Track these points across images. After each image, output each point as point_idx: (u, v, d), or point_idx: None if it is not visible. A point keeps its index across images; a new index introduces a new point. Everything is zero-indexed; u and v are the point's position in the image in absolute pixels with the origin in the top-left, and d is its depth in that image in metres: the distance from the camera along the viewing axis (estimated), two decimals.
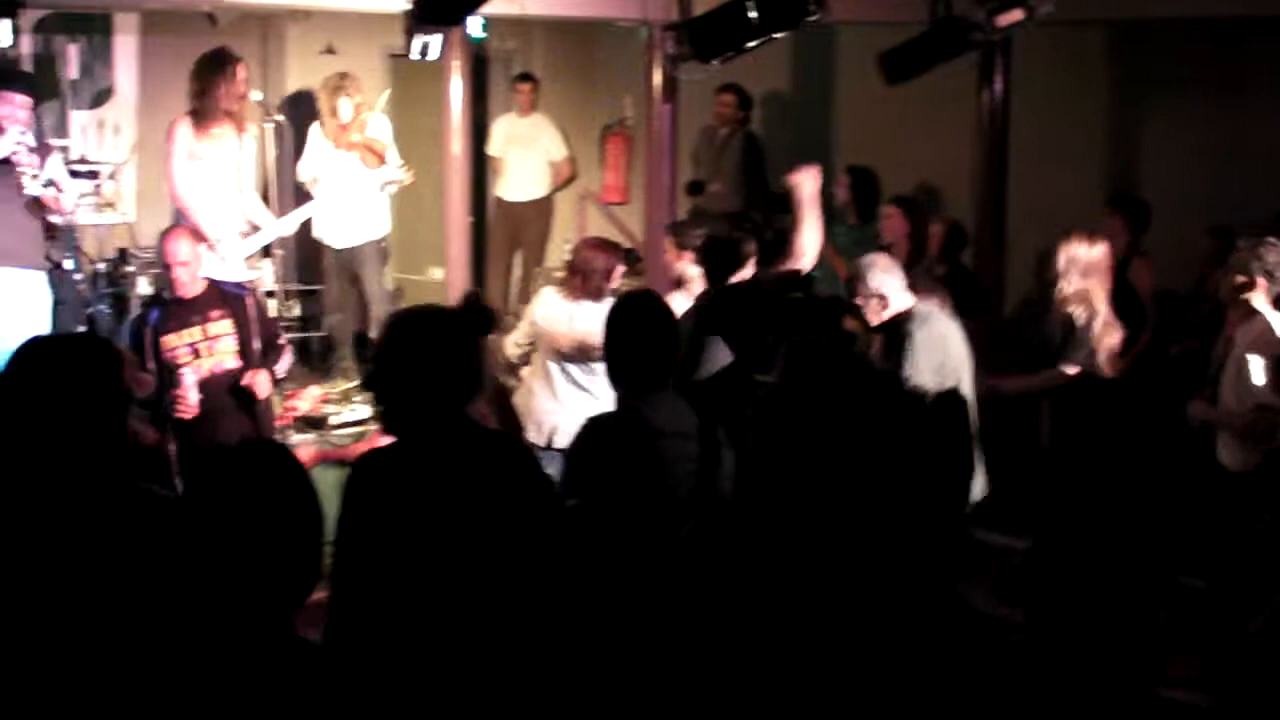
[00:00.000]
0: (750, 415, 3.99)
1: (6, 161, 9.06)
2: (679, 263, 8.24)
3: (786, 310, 7.25)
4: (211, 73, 9.81)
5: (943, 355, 7.38)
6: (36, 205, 9.25)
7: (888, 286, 7.51)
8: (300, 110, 12.49)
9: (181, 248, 8.10)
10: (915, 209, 10.35)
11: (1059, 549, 3.40)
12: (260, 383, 8.15)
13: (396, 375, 4.55)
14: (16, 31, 8.01)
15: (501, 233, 13.84)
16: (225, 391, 8.10)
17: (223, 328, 8.15)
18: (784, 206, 12.39)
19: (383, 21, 10.04)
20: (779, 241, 12.08)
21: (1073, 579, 3.32)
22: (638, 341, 5.52)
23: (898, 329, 7.44)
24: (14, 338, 8.85)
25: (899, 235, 10.05)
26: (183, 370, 7.89)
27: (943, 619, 3.30)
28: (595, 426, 5.50)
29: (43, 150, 9.40)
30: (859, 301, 7.53)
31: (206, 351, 8.09)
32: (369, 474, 4.51)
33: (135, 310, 10.89)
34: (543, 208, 13.87)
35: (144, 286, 11.32)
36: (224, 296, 8.28)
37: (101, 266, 11.47)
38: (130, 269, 11.39)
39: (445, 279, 11.53)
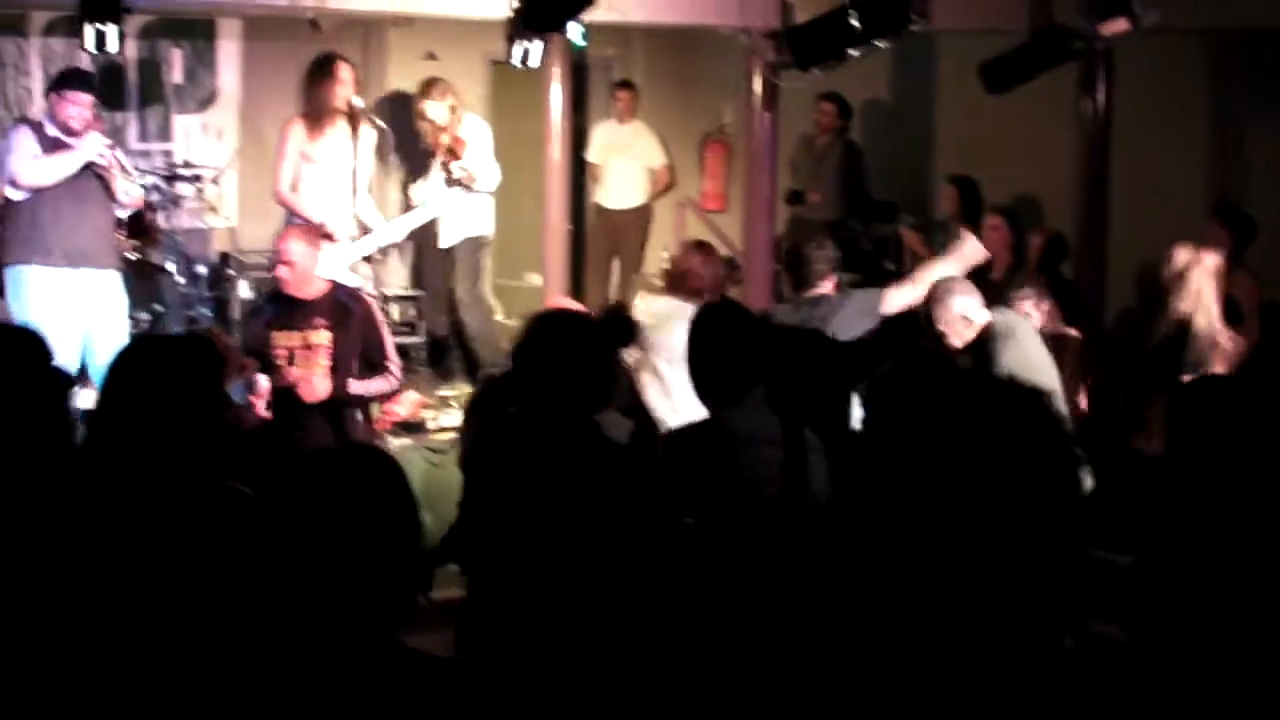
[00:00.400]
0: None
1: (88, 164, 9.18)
2: None
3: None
4: (319, 75, 9.90)
5: (1027, 365, 7.31)
6: (107, 201, 9.32)
7: (970, 309, 7.43)
8: (401, 115, 12.57)
9: (292, 247, 8.02)
10: (1017, 219, 10.29)
11: (1172, 563, 3.33)
12: (311, 387, 7.88)
13: (535, 375, 4.56)
14: (122, 37, 8.08)
15: (600, 239, 13.84)
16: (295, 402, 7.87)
17: (321, 339, 7.98)
18: (883, 215, 12.42)
19: (484, 28, 10.07)
20: (879, 251, 12.08)
21: (1187, 595, 3.25)
22: (718, 351, 5.46)
23: (983, 346, 7.37)
24: (95, 338, 9.07)
25: (1002, 245, 9.97)
26: (257, 375, 7.72)
27: (1051, 642, 3.24)
28: (676, 439, 5.49)
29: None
30: (942, 328, 7.44)
31: (301, 360, 7.96)
32: (491, 459, 4.55)
33: (237, 314, 11.03)
34: (641, 215, 13.84)
35: (245, 290, 11.41)
36: (335, 306, 8.07)
37: (203, 270, 11.57)
38: (231, 273, 11.48)
39: (543, 285, 11.56)
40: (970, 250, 8.08)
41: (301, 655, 3.21)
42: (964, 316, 7.40)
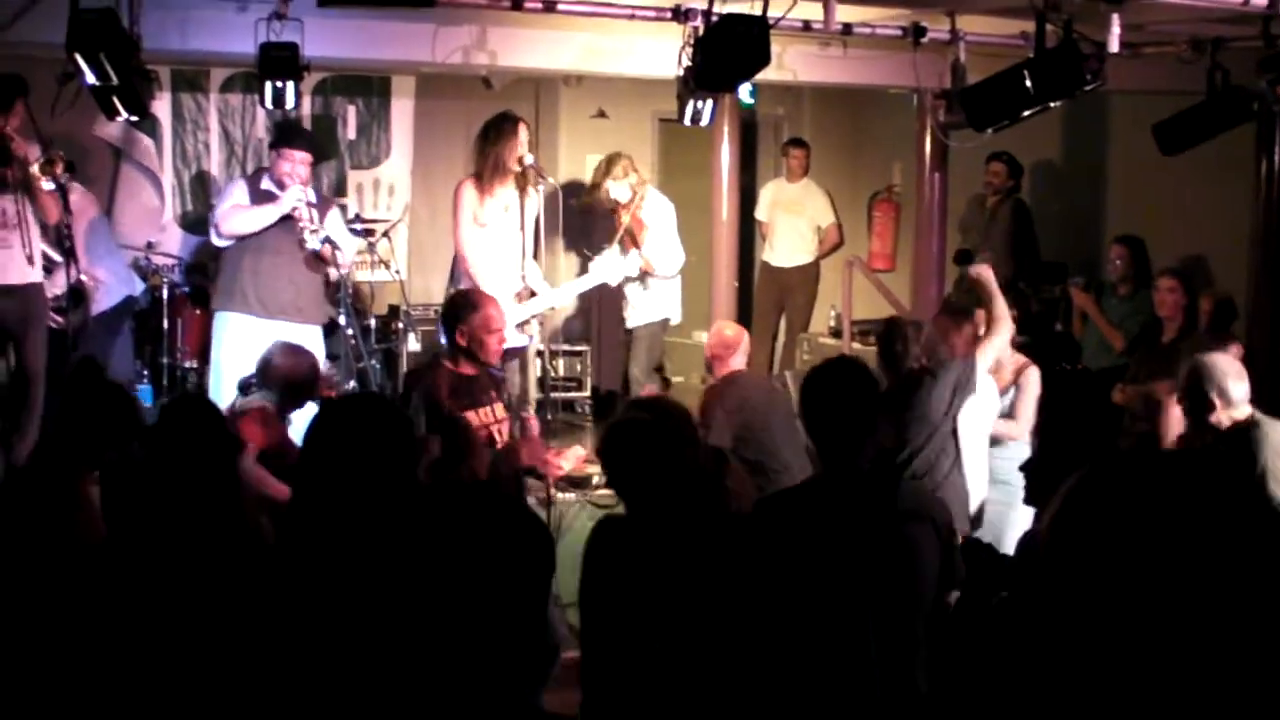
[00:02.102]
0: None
1: (289, 217, 9.32)
2: None
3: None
4: (496, 134, 9.91)
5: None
6: (316, 260, 9.50)
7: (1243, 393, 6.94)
8: (572, 173, 12.67)
9: (497, 315, 7.67)
10: (1191, 281, 10.15)
11: None
12: (558, 465, 7.84)
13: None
14: (298, 93, 8.20)
15: (767, 297, 13.83)
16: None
17: (501, 412, 7.69)
18: (1052, 276, 12.29)
19: (654, 86, 10.13)
20: (1048, 312, 11.95)
21: None
22: (836, 409, 5.28)
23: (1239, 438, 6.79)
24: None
25: (1176, 308, 9.83)
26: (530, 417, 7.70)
27: None
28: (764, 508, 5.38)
29: (323, 206, 9.65)
30: (1214, 399, 7.02)
31: (499, 435, 7.62)
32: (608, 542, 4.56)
33: (405, 366, 11.12)
34: (808, 273, 13.81)
35: (413, 343, 11.53)
36: (492, 376, 7.80)
37: (373, 323, 11.71)
38: (401, 325, 11.61)
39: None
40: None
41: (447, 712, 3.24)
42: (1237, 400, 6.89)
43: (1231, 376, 6.92)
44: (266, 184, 9.50)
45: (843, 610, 4.55)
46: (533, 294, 10.07)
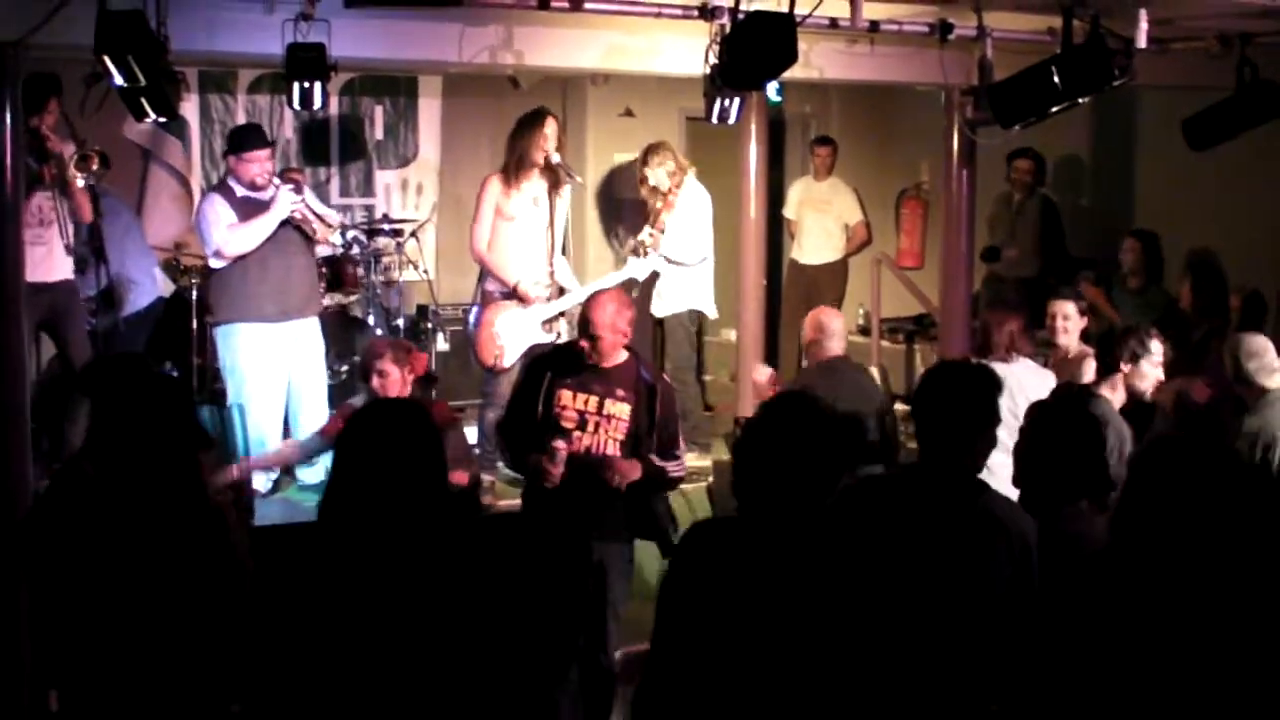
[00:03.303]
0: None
1: (285, 221, 9.38)
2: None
3: None
4: (527, 128, 9.92)
5: None
6: (307, 247, 9.61)
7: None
8: (599, 171, 12.67)
9: (608, 313, 7.43)
10: (1209, 275, 10.16)
11: None
12: (626, 472, 7.33)
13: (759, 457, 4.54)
14: (325, 94, 8.22)
15: (795, 295, 13.81)
16: (589, 473, 7.33)
17: (621, 411, 7.42)
18: (1080, 272, 12.25)
19: (681, 85, 10.10)
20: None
21: None
22: (950, 413, 5.27)
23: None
24: (298, 383, 9.33)
25: (1186, 303, 9.94)
26: (558, 443, 7.25)
27: None
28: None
29: (297, 191, 9.71)
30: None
31: (592, 427, 7.40)
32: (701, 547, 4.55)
33: (433, 366, 11.14)
34: (837, 271, 13.80)
35: (442, 342, 11.56)
36: (637, 378, 7.47)
37: (401, 323, 11.74)
38: (429, 325, 11.63)
39: (738, 340, 11.57)
40: None
41: None
42: None
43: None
44: (243, 191, 9.51)
45: (903, 607, 4.54)
46: (561, 291, 10.07)
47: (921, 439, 5.15)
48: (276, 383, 9.51)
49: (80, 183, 9.16)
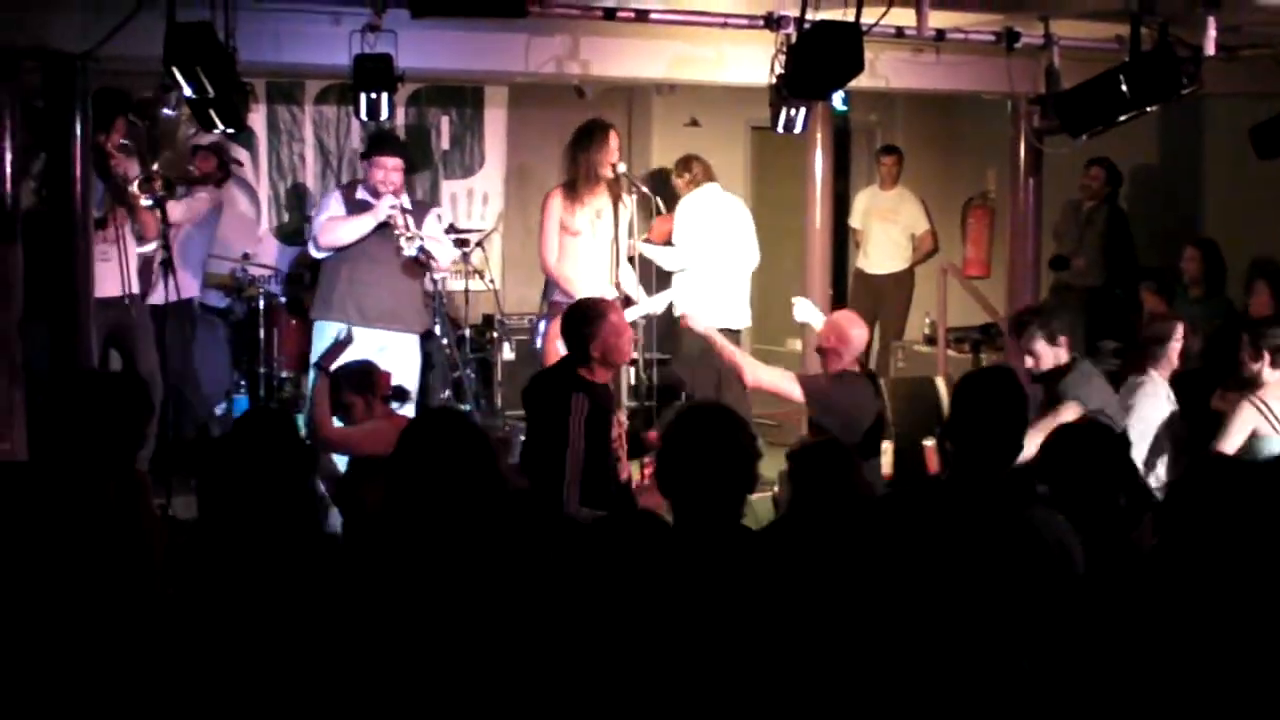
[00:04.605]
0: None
1: (386, 225, 9.37)
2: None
3: None
4: (587, 141, 9.89)
5: None
6: (415, 266, 9.56)
7: None
8: (665, 182, 12.67)
9: (619, 319, 7.42)
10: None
11: None
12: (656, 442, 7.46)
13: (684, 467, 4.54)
14: (393, 105, 8.26)
15: (861, 305, 13.73)
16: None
17: (623, 419, 7.64)
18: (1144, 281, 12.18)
19: (746, 94, 10.09)
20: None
21: None
22: (985, 419, 5.24)
23: None
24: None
25: (1265, 309, 9.85)
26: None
27: None
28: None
29: (419, 211, 9.71)
30: None
31: (619, 447, 7.43)
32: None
33: (500, 376, 11.17)
34: (903, 280, 13.77)
35: (508, 352, 11.59)
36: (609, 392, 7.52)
37: (468, 332, 11.76)
38: (495, 335, 11.65)
39: (803, 350, 11.54)
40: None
41: None
42: None
43: None
44: (362, 194, 9.56)
45: (932, 617, 4.52)
46: (628, 302, 10.04)
47: (963, 451, 5.09)
48: None
49: (144, 202, 9.24)
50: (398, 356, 9.56)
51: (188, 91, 7.13)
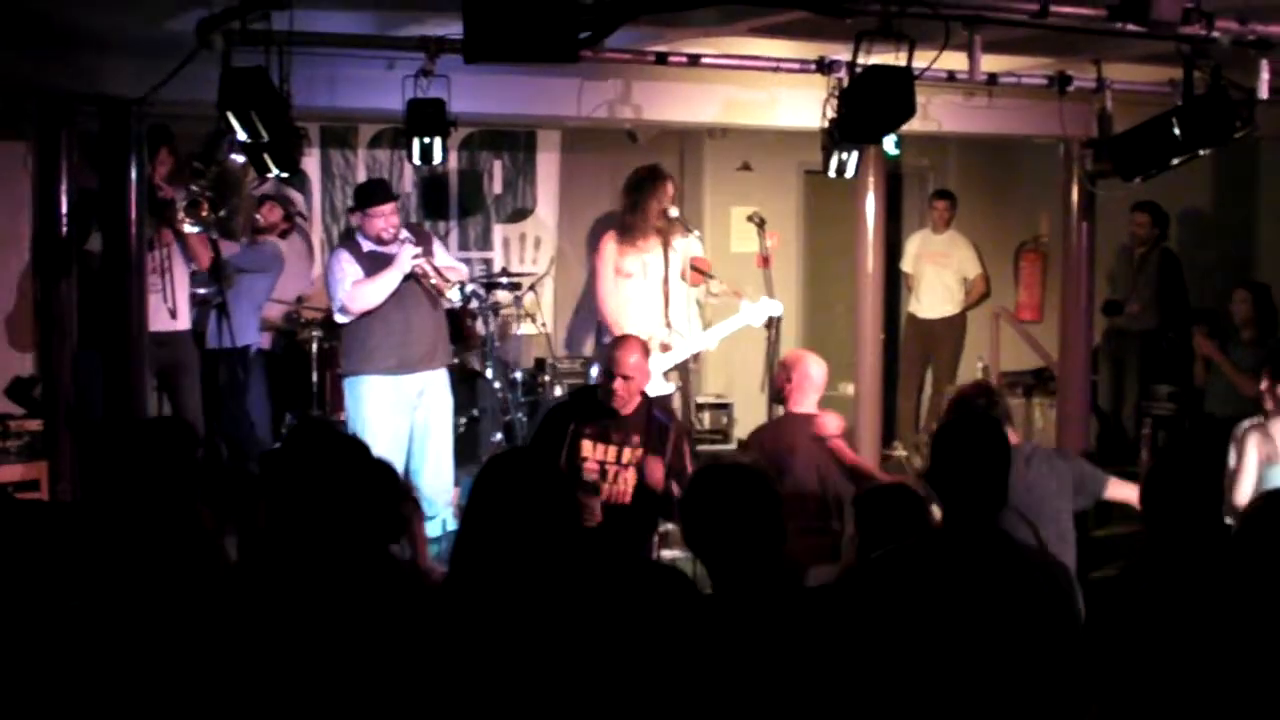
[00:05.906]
0: None
1: (409, 274, 9.41)
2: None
3: None
4: (643, 188, 9.92)
5: None
6: (436, 297, 9.59)
7: None
8: (719, 223, 12.68)
9: (632, 359, 7.70)
10: None
11: None
12: (653, 470, 7.61)
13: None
14: (445, 149, 8.28)
15: (913, 349, 13.76)
16: (612, 520, 7.55)
17: (627, 458, 7.70)
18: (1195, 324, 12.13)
19: (798, 138, 10.11)
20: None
21: None
22: (970, 463, 5.13)
23: None
24: (421, 434, 9.30)
25: None
26: (595, 482, 7.53)
27: None
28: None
29: (425, 246, 9.67)
30: None
31: (612, 477, 7.69)
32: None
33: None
34: (955, 324, 13.73)
35: (560, 395, 11.58)
36: (650, 424, 7.76)
37: (519, 376, 11.78)
38: (547, 378, 11.66)
39: (855, 394, 11.52)
40: None
41: None
42: None
43: None
44: (368, 246, 9.49)
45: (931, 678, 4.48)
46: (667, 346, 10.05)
47: (941, 498, 4.99)
48: (397, 433, 9.47)
49: (189, 228, 9.29)
50: (435, 396, 9.63)
51: (242, 136, 7.17)
